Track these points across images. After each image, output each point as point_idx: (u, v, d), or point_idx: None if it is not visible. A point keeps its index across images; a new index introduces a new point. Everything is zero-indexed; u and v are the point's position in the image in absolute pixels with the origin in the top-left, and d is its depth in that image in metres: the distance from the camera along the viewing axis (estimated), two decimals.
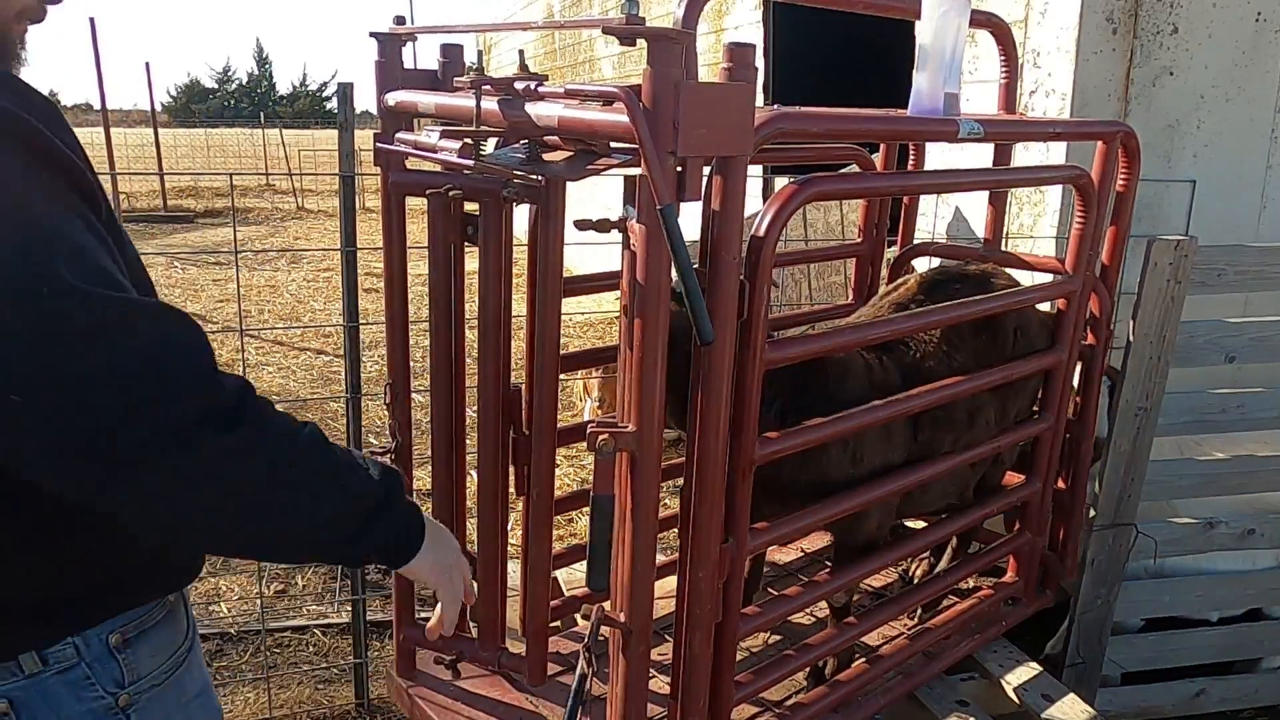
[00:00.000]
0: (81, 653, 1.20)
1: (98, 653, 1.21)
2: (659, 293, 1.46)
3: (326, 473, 1.15)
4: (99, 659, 1.21)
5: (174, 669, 1.30)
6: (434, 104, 1.80)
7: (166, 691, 1.28)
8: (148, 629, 1.26)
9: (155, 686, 1.27)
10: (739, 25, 6.14)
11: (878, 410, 2.02)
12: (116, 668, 1.22)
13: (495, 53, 13.63)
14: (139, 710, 1.24)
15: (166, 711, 1.29)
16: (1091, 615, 2.85)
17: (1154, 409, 2.72)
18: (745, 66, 1.43)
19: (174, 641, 1.31)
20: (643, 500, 1.56)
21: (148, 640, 1.26)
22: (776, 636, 2.60)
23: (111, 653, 1.22)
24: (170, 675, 1.29)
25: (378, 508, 1.20)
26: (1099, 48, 3.06)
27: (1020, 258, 2.67)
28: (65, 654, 1.19)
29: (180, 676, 1.31)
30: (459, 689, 2.24)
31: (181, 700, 1.32)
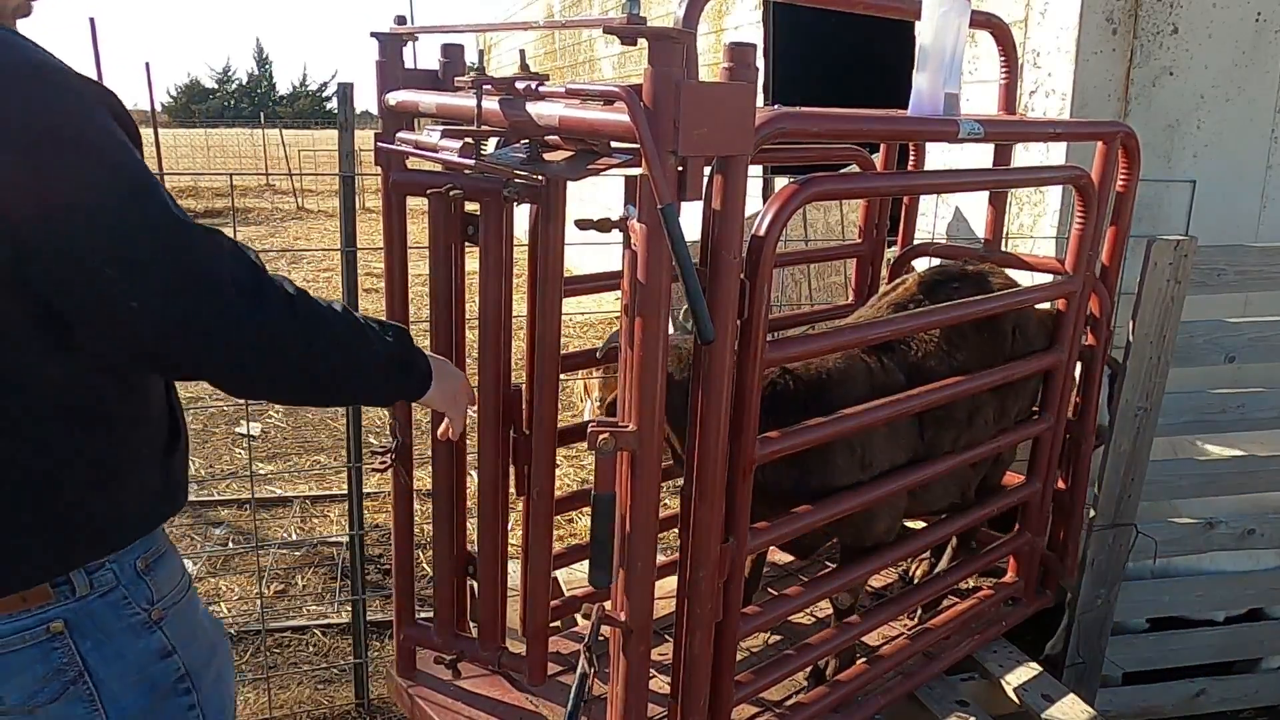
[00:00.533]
0: (118, 576, 1.41)
1: (130, 576, 1.43)
2: (659, 292, 1.46)
3: (358, 335, 1.43)
4: (131, 582, 1.43)
5: (185, 590, 1.53)
6: (435, 104, 1.80)
7: (185, 608, 1.51)
8: (162, 555, 1.49)
9: (176, 604, 1.49)
10: (739, 25, 6.14)
11: (879, 410, 2.02)
12: (146, 588, 1.44)
13: (495, 53, 13.63)
14: (168, 623, 1.47)
15: (188, 623, 1.52)
16: (1091, 615, 2.85)
17: (1154, 409, 2.72)
18: (746, 66, 1.43)
19: (180, 567, 1.54)
20: (643, 500, 1.56)
21: (164, 565, 1.49)
22: (776, 636, 2.60)
23: (139, 576, 1.44)
24: (184, 595, 1.52)
25: (396, 360, 1.50)
26: (1099, 48, 3.06)
27: (1020, 258, 2.67)
28: (106, 578, 1.40)
29: (191, 597, 1.55)
30: (459, 689, 2.24)
31: (195, 616, 1.55)
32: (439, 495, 2.10)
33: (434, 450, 2.07)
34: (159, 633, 1.45)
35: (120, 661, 1.41)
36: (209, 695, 1.53)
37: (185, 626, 1.50)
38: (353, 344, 1.42)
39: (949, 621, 2.52)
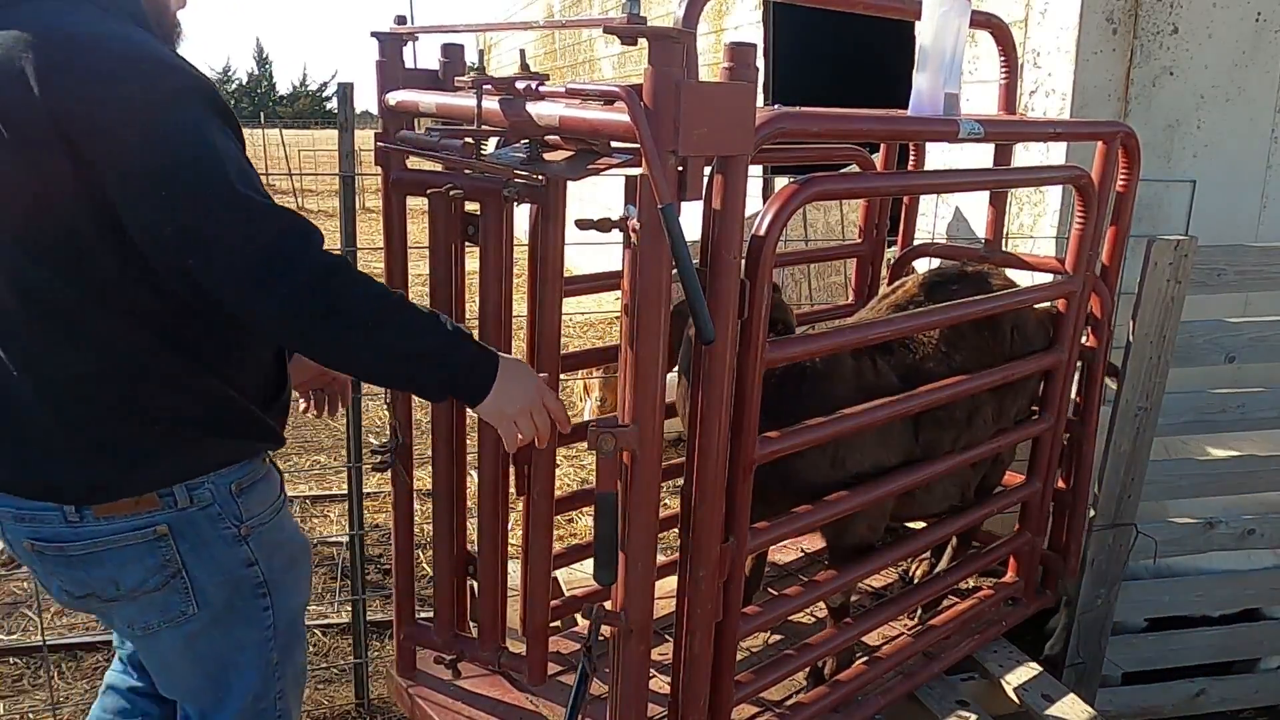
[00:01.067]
0: (214, 495, 1.68)
1: (224, 496, 1.70)
2: (659, 292, 1.47)
3: (393, 324, 1.54)
4: (225, 501, 1.70)
5: (274, 514, 1.81)
6: (435, 103, 1.80)
7: (271, 527, 1.79)
8: (256, 481, 1.76)
9: (263, 524, 1.77)
10: (739, 25, 6.15)
11: (873, 413, 2.02)
12: (237, 507, 1.72)
13: (496, 52, 13.63)
14: (254, 538, 1.75)
15: (274, 542, 1.80)
16: (1091, 615, 2.85)
17: (1154, 409, 2.72)
18: (746, 66, 1.43)
19: (272, 494, 1.81)
20: (643, 500, 1.57)
21: (256, 490, 1.76)
22: (777, 636, 2.60)
23: (233, 496, 1.71)
24: (272, 517, 1.80)
25: (435, 360, 1.58)
26: (1099, 48, 3.06)
27: (1020, 258, 2.68)
28: (203, 495, 1.67)
29: (279, 521, 1.82)
30: (459, 689, 2.24)
31: (282, 537, 1.83)
32: (439, 495, 2.10)
33: (434, 450, 2.07)
34: (245, 546, 1.74)
35: (212, 564, 1.71)
36: (282, 601, 1.83)
37: (269, 543, 1.78)
38: (384, 330, 1.52)
39: (949, 621, 2.52)
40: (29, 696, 3.14)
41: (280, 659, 1.88)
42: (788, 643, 2.52)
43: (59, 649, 3.35)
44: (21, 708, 3.09)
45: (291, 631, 1.90)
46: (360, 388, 2.99)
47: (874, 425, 2.07)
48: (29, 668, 3.29)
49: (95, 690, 3.17)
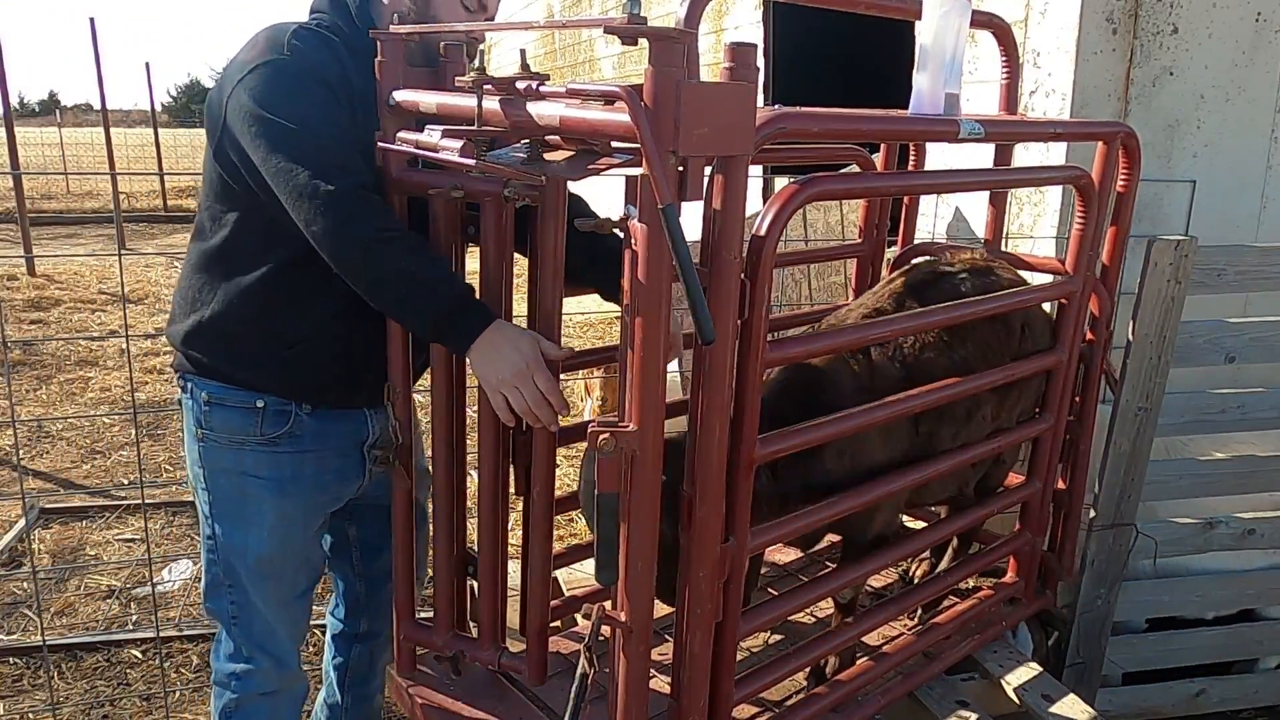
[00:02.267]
0: (192, 392, 2.07)
1: (198, 399, 2.06)
2: (660, 293, 1.46)
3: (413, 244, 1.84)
4: (197, 402, 2.06)
5: (237, 445, 2.06)
6: (435, 103, 1.80)
7: (223, 451, 2.07)
8: (234, 407, 2.04)
9: (214, 442, 2.07)
10: (739, 25, 6.14)
11: (875, 412, 2.01)
12: (200, 411, 2.06)
13: (496, 52, 13.63)
14: (205, 447, 2.08)
15: (222, 465, 2.08)
16: (1091, 615, 2.85)
17: (1154, 409, 2.72)
18: (747, 66, 1.43)
19: (246, 426, 2.05)
20: (643, 500, 1.56)
21: (225, 411, 2.04)
22: (777, 636, 2.60)
23: (199, 403, 2.06)
24: (226, 441, 2.06)
25: (441, 284, 1.81)
26: (1099, 48, 3.06)
27: (1020, 258, 2.67)
28: (185, 385, 2.10)
29: (243, 453, 2.06)
30: (460, 688, 2.24)
31: (237, 468, 2.08)
32: (439, 495, 2.10)
33: (434, 450, 2.08)
34: (197, 444, 2.07)
35: (189, 438, 2.11)
36: (224, 526, 2.10)
37: (218, 462, 2.06)
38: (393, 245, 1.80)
39: (949, 621, 2.52)
40: (29, 696, 3.14)
41: (229, 582, 2.13)
42: (788, 643, 2.52)
43: (59, 649, 3.35)
44: (21, 708, 3.09)
45: (230, 569, 2.12)
46: None
47: (874, 424, 2.07)
48: (29, 668, 3.29)
49: (95, 690, 3.17)
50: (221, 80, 1.93)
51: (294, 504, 2.11)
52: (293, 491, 2.10)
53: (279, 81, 1.84)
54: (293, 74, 1.85)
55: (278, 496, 2.08)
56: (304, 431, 2.08)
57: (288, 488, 2.09)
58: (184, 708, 3.09)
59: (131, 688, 3.22)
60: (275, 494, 2.08)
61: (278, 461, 2.07)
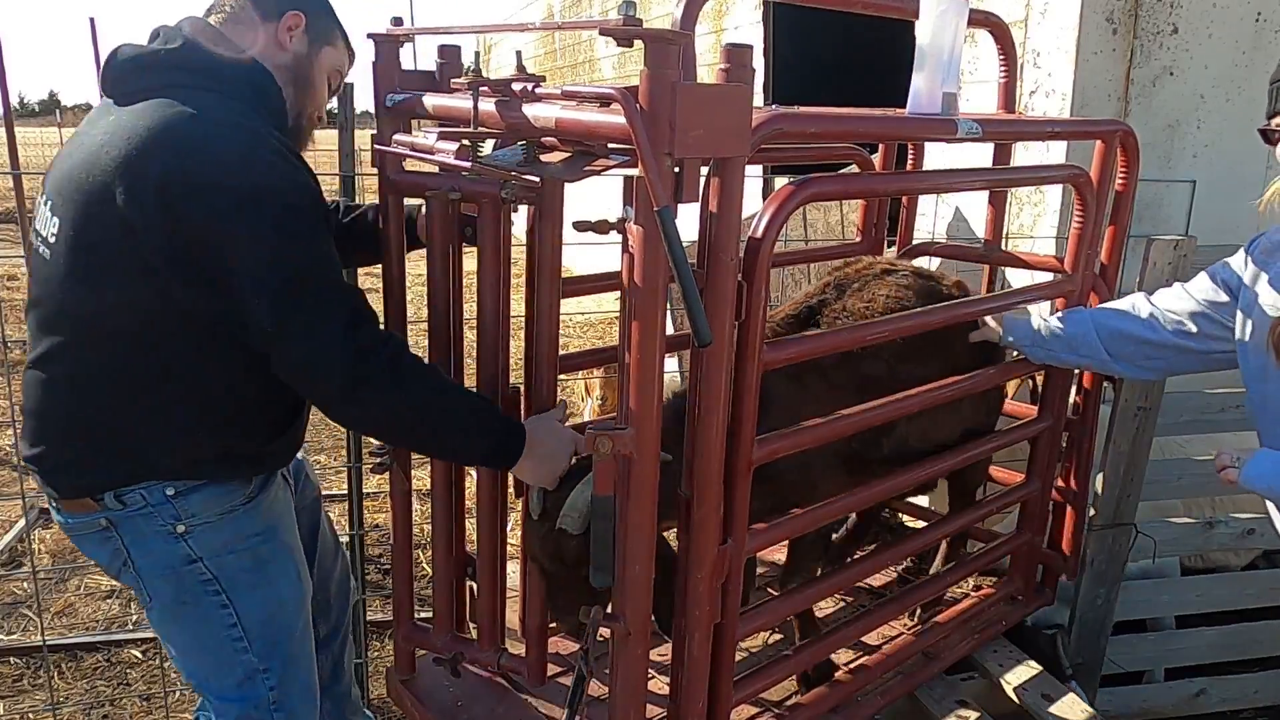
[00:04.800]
0: (146, 499, 1.81)
1: (159, 499, 1.81)
2: (656, 295, 1.46)
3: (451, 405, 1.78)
4: (160, 503, 1.82)
5: (226, 514, 1.87)
6: (431, 105, 1.80)
7: (220, 528, 1.87)
8: (201, 487, 1.84)
9: (207, 523, 1.85)
10: (738, 25, 6.14)
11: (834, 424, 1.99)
12: (173, 509, 1.82)
13: (496, 53, 13.63)
14: (194, 538, 1.85)
15: (224, 540, 1.88)
16: (1091, 615, 2.85)
17: (1154, 409, 2.72)
18: (743, 67, 1.43)
19: (228, 498, 1.87)
20: (640, 501, 1.56)
21: (200, 493, 1.84)
22: (777, 636, 2.60)
23: (168, 500, 1.82)
24: (222, 517, 1.86)
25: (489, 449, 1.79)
26: (1099, 48, 3.06)
27: (1020, 257, 2.68)
28: (134, 499, 1.81)
29: (236, 519, 1.88)
30: (460, 689, 2.24)
31: (241, 535, 1.90)
32: (438, 496, 2.10)
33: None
34: (182, 542, 1.84)
35: (151, 557, 1.85)
36: (246, 601, 1.91)
37: (218, 541, 1.87)
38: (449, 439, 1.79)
39: (949, 621, 2.52)
40: (29, 696, 3.15)
41: (264, 666, 1.95)
42: (788, 643, 2.52)
43: (59, 649, 3.35)
44: (21, 708, 3.09)
45: (274, 637, 1.96)
46: None
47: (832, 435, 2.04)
48: (29, 668, 3.29)
49: (95, 690, 3.17)
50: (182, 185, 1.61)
51: (293, 534, 2.07)
52: (289, 524, 2.05)
53: (298, 222, 1.67)
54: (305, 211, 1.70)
55: (285, 537, 2.02)
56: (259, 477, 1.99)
57: (285, 524, 2.03)
58: (184, 708, 3.09)
59: (131, 688, 3.22)
60: (281, 537, 2.00)
61: (268, 510, 1.97)
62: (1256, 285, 1.99)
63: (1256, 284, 2.00)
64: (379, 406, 1.69)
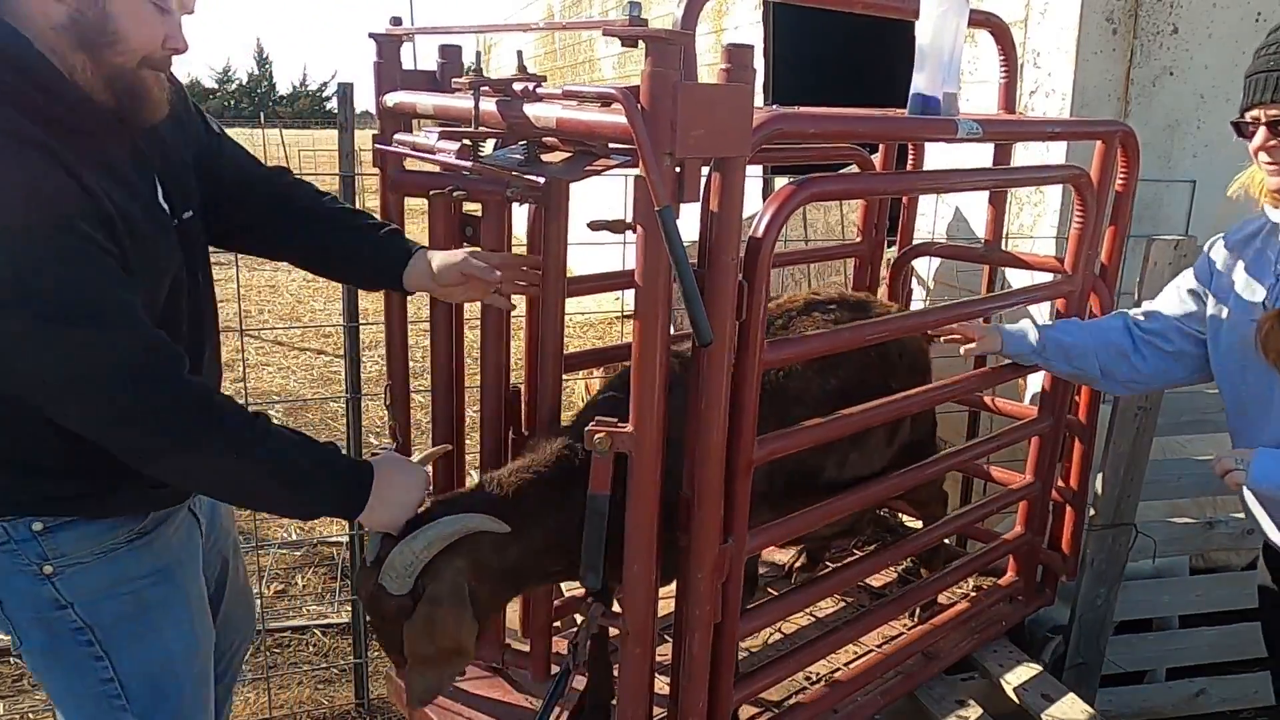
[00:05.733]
0: (9, 533, 1.56)
1: (23, 534, 1.56)
2: (657, 293, 1.46)
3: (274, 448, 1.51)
4: (24, 539, 1.56)
5: (102, 555, 1.61)
6: (432, 105, 1.80)
7: (95, 571, 1.61)
8: (72, 522, 1.58)
9: (80, 564, 1.59)
10: (739, 25, 6.14)
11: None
12: (38, 546, 1.57)
13: (496, 53, 13.62)
14: (63, 579, 1.59)
15: (100, 583, 1.62)
16: (1091, 615, 2.85)
17: (1154, 409, 2.72)
18: (743, 68, 1.43)
19: (106, 535, 1.61)
20: (641, 500, 1.56)
21: (71, 530, 1.58)
22: (777, 635, 2.60)
23: (34, 536, 1.56)
24: (98, 559, 1.61)
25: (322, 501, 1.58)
26: (1099, 48, 3.06)
27: (1020, 257, 2.67)
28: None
29: (117, 558, 1.62)
30: (459, 689, 2.24)
31: (123, 576, 1.64)
32: (438, 496, 2.10)
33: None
34: (49, 585, 1.59)
35: (18, 597, 1.60)
36: (124, 653, 1.65)
37: (91, 586, 1.61)
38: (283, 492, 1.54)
39: (949, 621, 2.52)
40: (29, 696, 3.14)
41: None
42: (788, 643, 2.52)
43: None
44: (21, 708, 3.09)
45: (159, 695, 1.71)
46: (360, 388, 3.00)
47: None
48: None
49: None
50: None
51: (191, 575, 1.79)
52: (191, 565, 1.79)
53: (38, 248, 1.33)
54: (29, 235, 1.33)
55: (181, 579, 1.75)
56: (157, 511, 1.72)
57: (184, 565, 1.76)
58: None
59: None
60: (177, 579, 1.74)
61: (163, 547, 1.70)
62: (1232, 277, 1.98)
63: (1231, 277, 1.98)
64: (194, 464, 1.46)
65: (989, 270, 2.83)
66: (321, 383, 6.85)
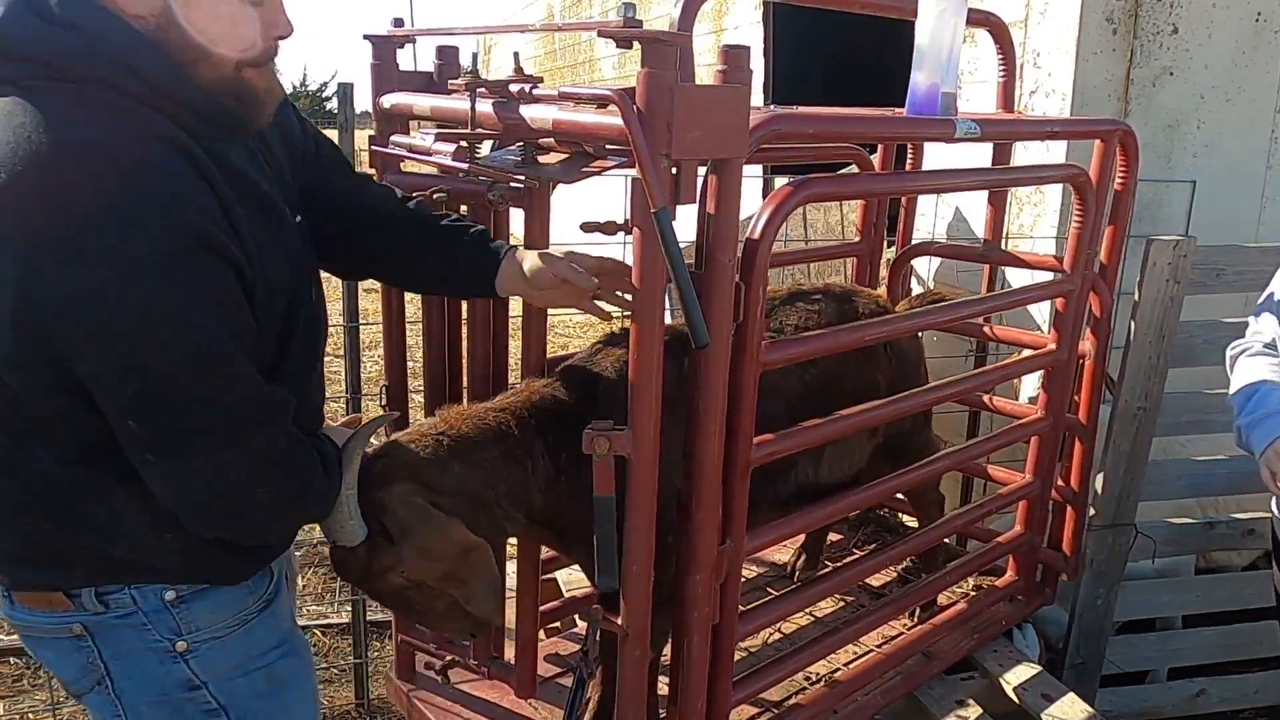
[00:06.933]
0: (138, 602, 1.39)
1: (153, 605, 1.40)
2: (654, 295, 1.46)
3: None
4: (155, 610, 1.40)
5: (239, 626, 1.47)
6: (429, 106, 1.80)
7: (232, 645, 1.47)
8: (205, 590, 1.43)
9: (216, 638, 1.45)
10: (739, 25, 6.13)
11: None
12: (171, 619, 1.41)
13: (496, 53, 13.62)
14: (197, 656, 1.44)
15: (234, 660, 1.47)
16: (1091, 615, 2.85)
17: (1154, 409, 2.71)
18: (740, 69, 1.43)
19: (239, 602, 1.47)
20: (639, 502, 1.56)
21: (205, 599, 1.43)
22: (777, 636, 2.60)
23: (166, 606, 1.40)
24: (234, 631, 1.47)
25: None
26: (1099, 48, 3.06)
27: (1019, 257, 2.67)
28: (123, 601, 1.38)
29: (250, 630, 1.49)
30: (457, 691, 2.24)
31: (254, 651, 1.50)
32: None
33: None
34: (182, 664, 1.43)
35: (141, 678, 1.43)
36: (256, 709, 1.51)
37: (228, 662, 1.47)
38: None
39: (949, 621, 2.52)
40: (29, 696, 3.15)
41: None
42: (788, 643, 2.52)
43: None
44: (21, 708, 3.09)
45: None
46: (360, 388, 3.00)
47: None
48: (29, 668, 3.29)
49: None
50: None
51: (302, 640, 1.66)
52: (295, 628, 1.66)
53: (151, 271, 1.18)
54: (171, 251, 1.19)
55: (299, 650, 1.63)
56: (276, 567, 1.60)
57: (294, 632, 1.63)
58: None
59: None
60: (296, 650, 1.61)
61: (279, 615, 1.57)
62: None
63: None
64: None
65: (989, 270, 2.83)
66: None
